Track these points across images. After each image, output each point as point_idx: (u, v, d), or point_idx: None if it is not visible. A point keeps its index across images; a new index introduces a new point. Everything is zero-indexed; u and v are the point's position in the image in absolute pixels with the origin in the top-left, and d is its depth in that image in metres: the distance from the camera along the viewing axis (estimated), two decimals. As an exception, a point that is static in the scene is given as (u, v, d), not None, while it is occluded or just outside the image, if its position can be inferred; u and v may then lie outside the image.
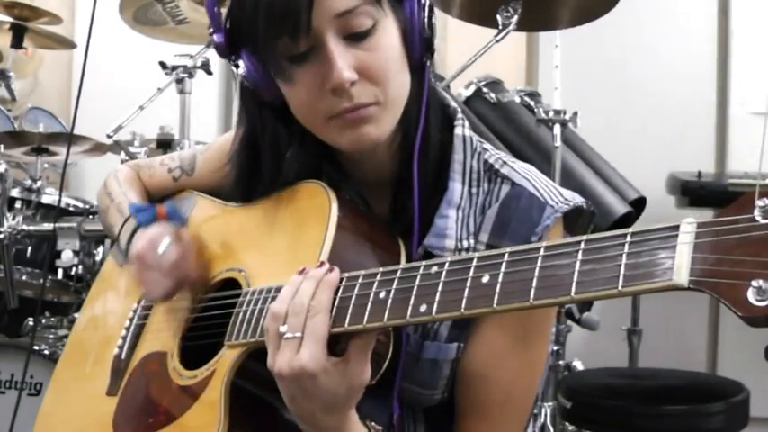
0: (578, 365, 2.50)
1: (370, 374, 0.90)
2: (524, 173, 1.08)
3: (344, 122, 1.00)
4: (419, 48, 1.03)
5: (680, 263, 0.64)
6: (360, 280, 0.88)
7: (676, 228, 0.65)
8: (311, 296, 0.87)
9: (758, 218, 0.61)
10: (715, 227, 0.63)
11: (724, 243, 0.62)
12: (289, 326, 0.87)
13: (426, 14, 1.03)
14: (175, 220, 1.21)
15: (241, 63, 1.03)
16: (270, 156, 1.09)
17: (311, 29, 0.96)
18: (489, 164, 1.09)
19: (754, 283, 0.60)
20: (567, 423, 2.37)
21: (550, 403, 2.25)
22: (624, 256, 0.67)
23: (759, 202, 0.61)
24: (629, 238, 0.68)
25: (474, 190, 1.08)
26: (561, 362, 2.43)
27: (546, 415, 2.22)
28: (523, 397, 1.06)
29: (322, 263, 0.91)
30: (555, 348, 2.36)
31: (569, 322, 2.42)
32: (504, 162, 1.10)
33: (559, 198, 1.05)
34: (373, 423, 0.96)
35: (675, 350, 3.33)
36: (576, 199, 1.06)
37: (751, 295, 0.60)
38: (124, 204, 1.29)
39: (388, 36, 1.00)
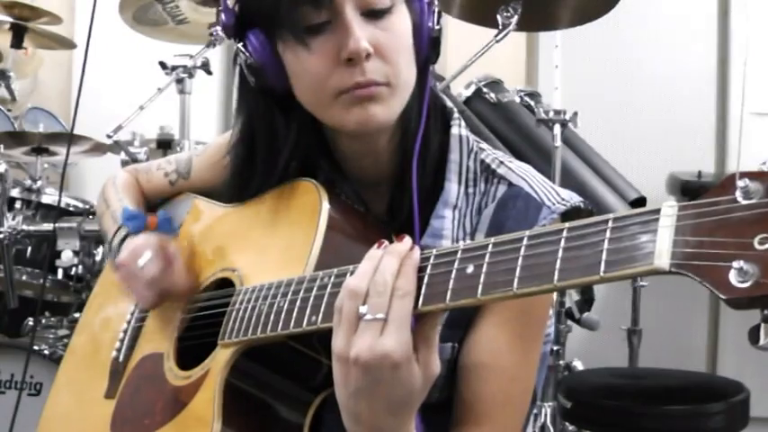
0: (578, 365, 2.50)
1: None
2: (521, 173, 1.08)
3: (353, 99, 0.99)
4: (425, 45, 1.04)
5: (661, 247, 0.62)
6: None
7: (657, 211, 0.64)
8: (395, 274, 0.79)
9: (739, 198, 0.60)
10: (696, 209, 0.62)
11: (705, 225, 0.61)
12: (370, 306, 0.78)
13: (435, 15, 1.04)
14: (166, 230, 1.21)
15: (248, 44, 1.03)
16: (266, 146, 1.09)
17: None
18: (486, 163, 1.09)
19: (735, 264, 0.58)
20: (566, 423, 2.37)
21: (550, 403, 2.25)
22: (606, 242, 0.66)
23: (740, 183, 0.60)
24: (610, 224, 0.67)
25: (470, 190, 1.08)
26: (561, 362, 2.43)
27: (546, 415, 2.22)
28: (522, 398, 1.05)
29: (402, 236, 0.82)
30: (555, 348, 2.36)
31: (569, 322, 2.42)
32: (501, 162, 1.09)
33: (556, 198, 1.04)
34: None
35: (675, 350, 3.33)
36: (574, 199, 1.05)
37: (733, 277, 0.59)
38: (119, 212, 1.30)
39: (403, 21, 1.02)
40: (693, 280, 0.61)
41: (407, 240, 0.81)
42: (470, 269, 0.76)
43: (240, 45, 1.04)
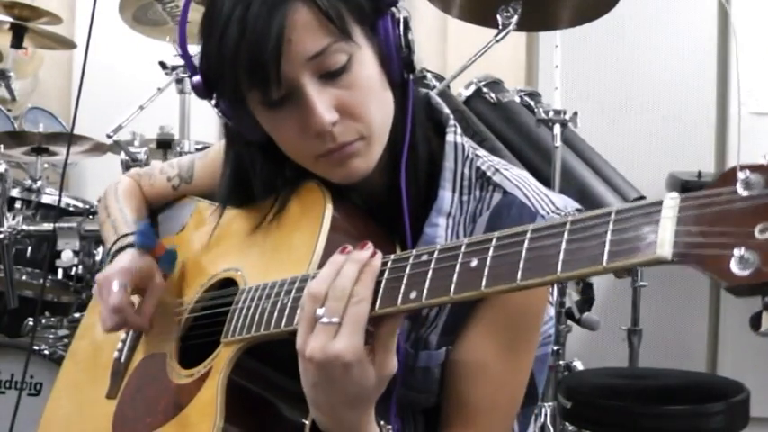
0: (578, 365, 2.50)
1: None
2: (516, 181, 1.07)
3: (332, 161, 0.99)
4: (398, 67, 1.01)
5: (663, 236, 0.64)
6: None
7: (659, 203, 0.65)
8: (354, 281, 0.83)
9: (740, 190, 0.61)
10: (698, 200, 0.63)
11: (707, 215, 0.62)
12: (327, 309, 0.82)
13: (401, 31, 1.00)
14: (164, 265, 1.19)
15: (220, 105, 1.01)
16: (262, 188, 1.09)
17: (282, 78, 0.94)
18: (481, 171, 1.08)
19: (736, 252, 0.60)
20: (567, 423, 2.37)
21: (550, 403, 2.25)
22: (609, 233, 0.67)
23: (741, 175, 0.61)
24: (613, 216, 0.68)
25: (465, 197, 1.07)
26: (561, 362, 2.43)
27: (546, 415, 2.22)
28: (509, 405, 1.06)
29: (365, 244, 0.85)
30: (555, 348, 2.36)
31: (569, 322, 2.42)
32: (497, 170, 1.09)
33: (551, 207, 1.04)
34: (383, 422, 0.93)
35: (675, 350, 3.33)
36: (569, 207, 1.05)
37: (734, 265, 0.60)
38: (119, 221, 1.30)
39: (365, 67, 0.98)
40: (695, 269, 0.62)
41: (369, 247, 0.85)
42: (474, 263, 0.77)
43: (213, 106, 1.02)
